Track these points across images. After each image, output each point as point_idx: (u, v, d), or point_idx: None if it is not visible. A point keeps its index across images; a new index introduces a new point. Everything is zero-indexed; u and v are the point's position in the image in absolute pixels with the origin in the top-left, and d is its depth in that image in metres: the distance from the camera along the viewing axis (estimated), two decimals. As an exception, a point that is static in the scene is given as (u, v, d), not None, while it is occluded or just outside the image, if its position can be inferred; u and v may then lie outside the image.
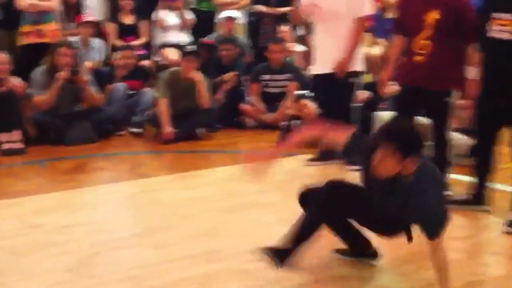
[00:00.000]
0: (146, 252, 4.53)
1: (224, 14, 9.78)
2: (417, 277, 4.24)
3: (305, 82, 8.14)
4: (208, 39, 9.45)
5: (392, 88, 6.34)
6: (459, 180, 6.04)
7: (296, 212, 4.60)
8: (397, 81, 5.91)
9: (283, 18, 10.07)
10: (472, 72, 5.40)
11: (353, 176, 4.49)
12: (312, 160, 6.66)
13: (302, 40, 10.23)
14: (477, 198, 5.45)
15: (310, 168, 6.54)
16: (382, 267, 4.38)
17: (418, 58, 5.48)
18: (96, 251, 4.53)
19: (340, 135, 4.08)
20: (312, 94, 7.39)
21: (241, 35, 10.01)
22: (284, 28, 9.53)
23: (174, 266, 4.32)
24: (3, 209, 5.35)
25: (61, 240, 4.71)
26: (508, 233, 4.99)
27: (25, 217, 5.12)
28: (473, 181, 5.51)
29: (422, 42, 5.45)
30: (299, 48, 9.56)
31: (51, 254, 4.46)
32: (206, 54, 8.86)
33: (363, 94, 7.45)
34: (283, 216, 4.97)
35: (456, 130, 6.58)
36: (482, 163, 5.45)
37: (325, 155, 6.54)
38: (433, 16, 5.39)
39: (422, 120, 5.96)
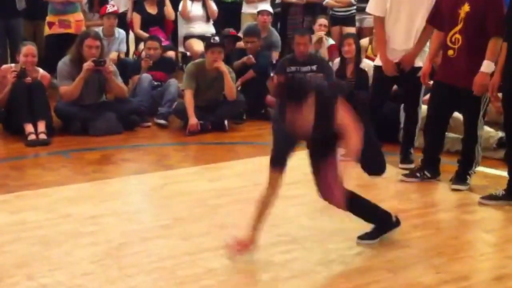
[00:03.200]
0: (175, 243, 4.54)
1: (261, 7, 9.72)
2: (448, 270, 4.22)
3: (330, 74, 8.10)
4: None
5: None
6: (487, 173, 6.02)
7: (320, 204, 4.61)
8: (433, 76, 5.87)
9: (310, 8, 10.01)
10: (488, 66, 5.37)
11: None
12: None
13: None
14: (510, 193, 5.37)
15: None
16: (413, 259, 4.35)
17: (450, 52, 5.54)
18: (125, 241, 4.55)
19: None
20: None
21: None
22: (324, 21, 9.44)
23: (203, 257, 4.33)
24: (32, 199, 5.37)
25: (89, 230, 4.73)
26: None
27: (54, 208, 5.15)
28: (503, 175, 5.49)
29: (455, 36, 5.47)
30: (330, 41, 9.52)
31: (80, 245, 4.48)
32: (230, 46, 8.83)
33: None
34: (308, 208, 4.98)
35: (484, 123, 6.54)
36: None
37: None
38: (465, 9, 5.39)
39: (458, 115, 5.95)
